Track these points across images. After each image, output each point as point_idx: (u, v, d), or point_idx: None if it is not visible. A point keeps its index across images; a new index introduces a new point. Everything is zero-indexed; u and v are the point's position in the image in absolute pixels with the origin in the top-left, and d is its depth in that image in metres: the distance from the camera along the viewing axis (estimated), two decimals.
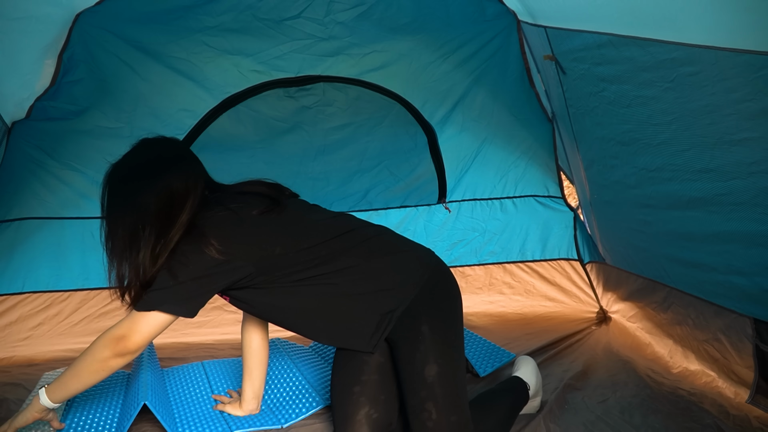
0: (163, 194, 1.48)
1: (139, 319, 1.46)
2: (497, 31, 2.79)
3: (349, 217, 1.70)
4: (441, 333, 1.57)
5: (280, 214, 1.56)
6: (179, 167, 1.54)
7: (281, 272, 1.53)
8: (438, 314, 1.59)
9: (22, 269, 2.65)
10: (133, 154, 1.58)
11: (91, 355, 1.48)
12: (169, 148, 1.62)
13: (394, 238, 1.68)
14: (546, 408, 1.99)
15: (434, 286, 1.60)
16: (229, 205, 1.52)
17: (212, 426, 1.89)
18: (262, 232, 1.52)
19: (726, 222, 1.81)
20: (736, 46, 1.47)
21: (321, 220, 1.62)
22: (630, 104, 2.00)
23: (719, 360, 2.10)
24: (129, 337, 1.45)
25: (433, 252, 1.70)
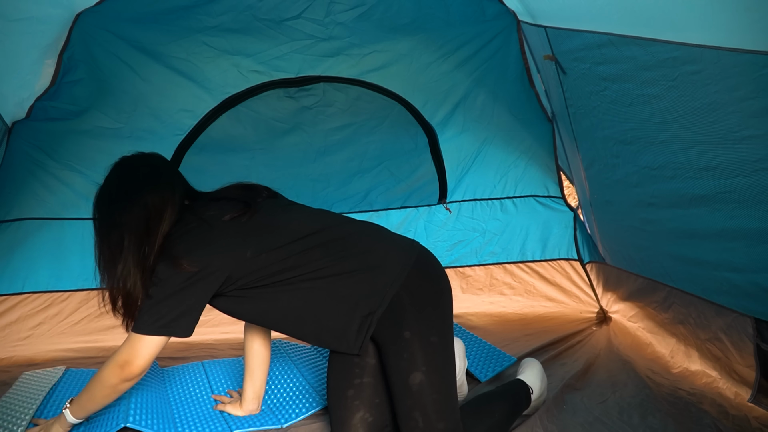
0: (139, 210, 1.54)
1: (136, 343, 1.50)
2: (497, 32, 2.79)
3: (325, 214, 1.69)
4: (425, 338, 1.54)
5: (252, 216, 1.55)
6: (154, 182, 1.59)
7: (256, 276, 1.52)
8: (421, 318, 1.55)
9: (22, 269, 2.65)
10: (111, 176, 1.65)
11: (101, 382, 1.56)
12: (144, 164, 1.66)
13: (372, 234, 1.65)
14: (544, 408, 1.99)
15: (416, 286, 1.57)
16: (202, 214, 1.55)
17: (212, 426, 1.88)
18: (232, 238, 1.52)
19: (729, 220, 1.81)
20: (737, 46, 1.47)
21: (294, 219, 1.61)
22: (632, 103, 2.00)
23: (721, 359, 2.10)
24: (131, 363, 1.51)
25: (415, 245, 1.65)
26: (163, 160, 1.72)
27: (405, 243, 1.66)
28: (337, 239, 1.58)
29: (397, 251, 1.61)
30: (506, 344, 2.57)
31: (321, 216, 1.66)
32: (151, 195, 1.56)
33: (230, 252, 1.50)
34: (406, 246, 1.64)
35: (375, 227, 1.70)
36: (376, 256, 1.58)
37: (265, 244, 1.53)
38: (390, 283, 1.54)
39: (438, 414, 1.53)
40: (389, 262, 1.58)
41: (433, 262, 1.66)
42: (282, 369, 2.27)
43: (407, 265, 1.57)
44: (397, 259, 1.58)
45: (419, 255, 1.62)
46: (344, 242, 1.58)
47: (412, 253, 1.61)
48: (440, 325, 1.59)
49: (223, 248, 1.50)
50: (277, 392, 2.12)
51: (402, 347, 1.54)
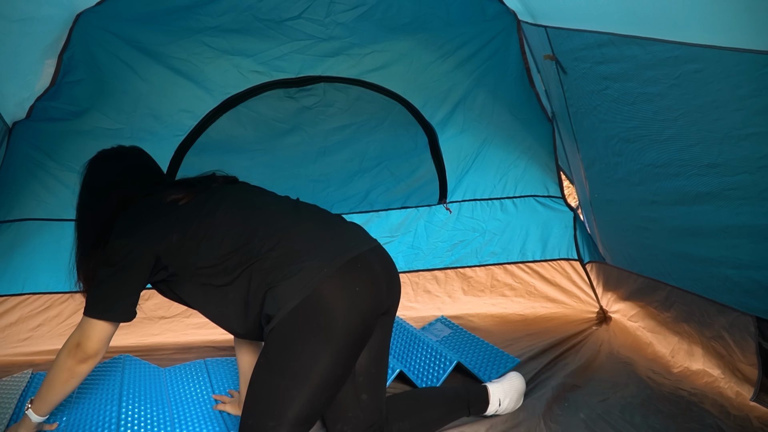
0: (103, 203, 1.65)
1: (86, 325, 1.53)
2: (497, 31, 2.79)
3: (264, 202, 1.64)
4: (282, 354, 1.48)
5: (190, 201, 1.58)
6: (108, 169, 1.70)
7: (179, 263, 1.53)
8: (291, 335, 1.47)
9: (22, 270, 2.65)
10: (85, 171, 1.75)
11: (58, 365, 1.57)
12: (112, 159, 1.74)
13: (303, 237, 1.54)
14: (546, 407, 1.99)
15: (311, 310, 1.46)
16: (147, 199, 1.61)
17: (210, 426, 1.88)
18: (163, 223, 1.55)
19: (734, 216, 1.81)
20: (737, 45, 1.47)
21: (222, 210, 1.56)
22: (634, 101, 2.00)
23: (723, 357, 2.11)
24: (84, 344, 1.53)
25: (342, 259, 1.50)
26: (134, 154, 1.78)
27: (329, 253, 1.51)
28: (266, 238, 1.52)
29: (316, 266, 1.47)
30: (507, 345, 2.58)
31: (257, 208, 1.60)
32: (115, 190, 1.65)
33: (157, 236, 1.53)
34: (329, 256, 1.50)
35: (312, 220, 1.60)
36: (293, 274, 1.47)
37: (188, 233, 1.53)
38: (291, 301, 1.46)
39: (247, 411, 1.52)
40: (300, 281, 1.46)
41: (346, 284, 1.49)
42: (229, 381, 2.27)
43: (311, 287, 1.45)
44: (307, 279, 1.46)
45: (333, 276, 1.48)
46: (254, 258, 1.50)
47: (326, 271, 1.47)
48: (310, 349, 1.47)
49: (152, 232, 1.53)
50: None
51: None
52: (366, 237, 1.62)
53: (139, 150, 1.80)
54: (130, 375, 2.26)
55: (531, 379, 2.24)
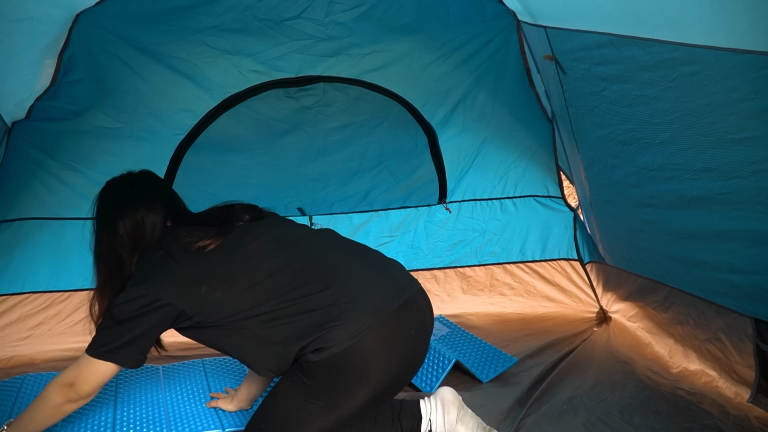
0: (114, 236, 1.56)
1: (84, 365, 1.49)
2: (497, 31, 2.79)
3: (299, 238, 1.60)
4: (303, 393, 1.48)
5: (218, 245, 1.50)
6: (130, 208, 1.58)
7: (208, 314, 1.48)
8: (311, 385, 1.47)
9: (22, 269, 2.65)
10: (97, 200, 1.67)
11: (45, 401, 1.52)
12: (121, 190, 1.65)
13: (353, 278, 1.51)
14: (545, 409, 1.99)
15: (360, 355, 1.44)
16: (170, 246, 1.52)
17: (205, 423, 1.90)
18: (190, 274, 1.48)
19: (727, 221, 1.81)
20: (736, 46, 1.47)
21: (257, 255, 1.52)
22: (631, 103, 2.00)
23: (720, 359, 2.10)
24: (77, 385, 1.49)
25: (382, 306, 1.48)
26: (144, 182, 1.70)
27: (373, 302, 1.49)
28: (300, 291, 1.47)
29: (347, 332, 1.44)
30: (506, 344, 2.57)
31: (289, 253, 1.54)
32: (124, 222, 1.56)
33: (185, 289, 1.47)
34: (371, 308, 1.47)
35: (362, 275, 1.54)
36: (324, 333, 1.44)
37: (221, 283, 1.48)
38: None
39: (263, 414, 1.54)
40: (332, 338, 1.43)
41: (372, 349, 1.46)
42: (226, 379, 2.27)
43: (356, 336, 1.44)
44: (340, 338, 1.43)
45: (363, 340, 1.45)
46: (302, 298, 1.47)
47: (359, 331, 1.44)
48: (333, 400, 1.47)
49: (179, 284, 1.47)
50: None
51: None
52: (408, 276, 1.61)
53: (149, 174, 1.72)
54: (125, 374, 2.26)
55: (531, 378, 2.24)
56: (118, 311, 1.46)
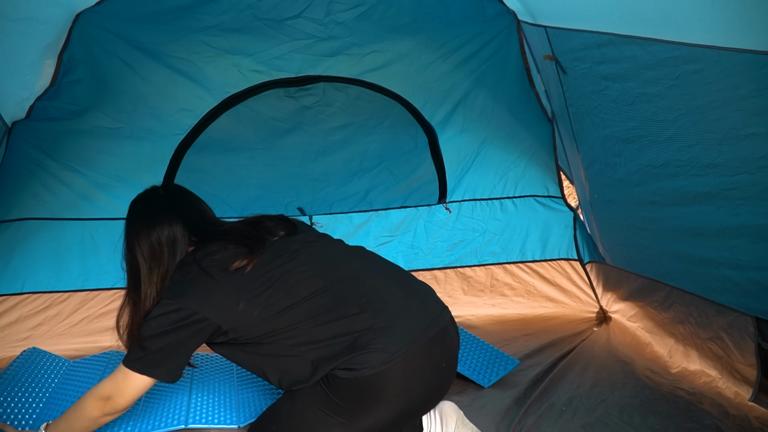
0: (142, 250, 1.56)
1: (121, 378, 1.49)
2: (497, 31, 2.79)
3: (336, 256, 1.59)
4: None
5: (254, 264, 1.50)
6: (151, 223, 1.58)
7: (245, 332, 1.48)
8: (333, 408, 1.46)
9: (21, 270, 2.64)
10: (127, 215, 1.66)
11: (82, 413, 1.53)
12: (145, 204, 1.66)
13: (390, 304, 1.50)
14: (544, 409, 1.99)
15: (388, 381, 1.43)
16: (202, 261, 1.51)
17: (171, 416, 1.93)
18: (227, 291, 1.48)
19: (733, 217, 1.81)
20: (737, 45, 1.48)
21: (294, 274, 1.51)
22: (634, 101, 2.00)
23: (722, 358, 2.10)
24: (114, 399, 1.49)
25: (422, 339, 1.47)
26: (174, 193, 1.70)
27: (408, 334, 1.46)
28: (337, 313, 1.47)
29: (379, 359, 1.42)
30: (505, 345, 2.57)
31: (327, 274, 1.53)
32: (140, 245, 1.56)
33: (223, 305, 1.47)
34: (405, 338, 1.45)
35: (399, 302, 1.52)
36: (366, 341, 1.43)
37: (259, 301, 1.48)
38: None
39: (275, 416, 1.53)
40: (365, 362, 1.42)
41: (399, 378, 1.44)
42: (252, 375, 2.29)
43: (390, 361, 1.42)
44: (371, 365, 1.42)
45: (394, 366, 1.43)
46: (339, 320, 1.46)
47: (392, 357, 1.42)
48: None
49: (217, 300, 1.47)
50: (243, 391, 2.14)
51: None
52: (440, 304, 1.59)
53: (172, 190, 1.72)
54: (199, 358, 2.35)
55: (530, 379, 2.23)
56: (154, 324, 1.46)
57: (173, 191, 1.71)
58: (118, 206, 2.73)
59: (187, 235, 1.59)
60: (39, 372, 2.24)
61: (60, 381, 2.19)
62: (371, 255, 1.67)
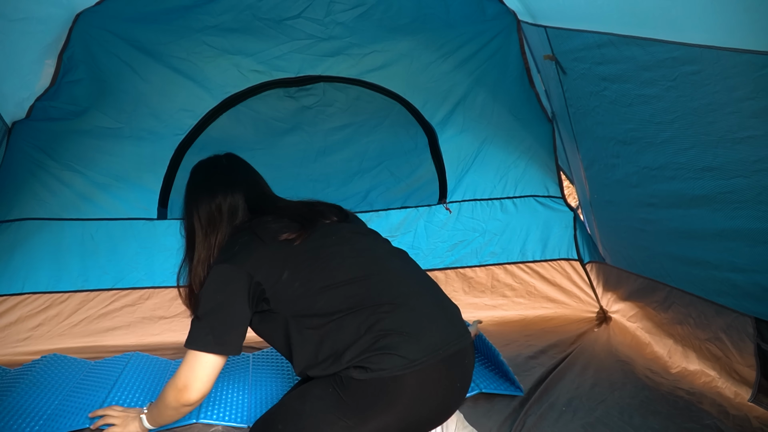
0: (206, 215, 1.64)
1: (192, 361, 1.51)
2: (497, 31, 2.79)
3: (380, 255, 1.60)
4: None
5: (303, 241, 1.54)
6: (224, 189, 1.65)
7: (283, 302, 1.50)
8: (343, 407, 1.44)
9: (21, 270, 2.65)
10: (190, 177, 1.74)
11: (165, 402, 1.59)
12: (218, 169, 1.73)
13: (418, 312, 1.48)
14: (545, 409, 1.99)
15: (402, 388, 1.42)
16: (257, 228, 1.57)
17: None
18: (276, 257, 1.51)
19: (729, 220, 1.81)
20: (737, 46, 1.47)
21: (337, 259, 1.54)
22: (632, 103, 2.00)
23: (721, 359, 2.10)
24: (191, 385, 1.52)
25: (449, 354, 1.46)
26: (241, 166, 1.77)
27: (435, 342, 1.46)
28: (368, 306, 1.46)
29: (402, 363, 1.41)
30: (506, 345, 2.57)
31: (368, 267, 1.54)
32: (223, 200, 1.63)
33: (270, 269, 1.50)
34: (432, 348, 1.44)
35: (427, 312, 1.51)
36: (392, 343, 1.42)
37: (301, 275, 1.50)
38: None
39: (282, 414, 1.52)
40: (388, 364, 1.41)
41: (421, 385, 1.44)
42: (275, 370, 2.32)
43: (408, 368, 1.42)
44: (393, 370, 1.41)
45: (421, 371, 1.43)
46: (370, 316, 1.45)
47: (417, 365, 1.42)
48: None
49: (265, 263, 1.50)
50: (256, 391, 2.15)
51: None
52: (465, 326, 1.58)
53: (233, 160, 1.78)
54: (132, 367, 2.33)
55: (531, 380, 2.23)
56: (208, 288, 1.51)
57: (236, 162, 1.78)
58: (118, 206, 2.74)
59: (246, 206, 1.65)
60: (57, 375, 2.27)
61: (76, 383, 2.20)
62: (411, 261, 1.67)
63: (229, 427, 1.90)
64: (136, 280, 2.77)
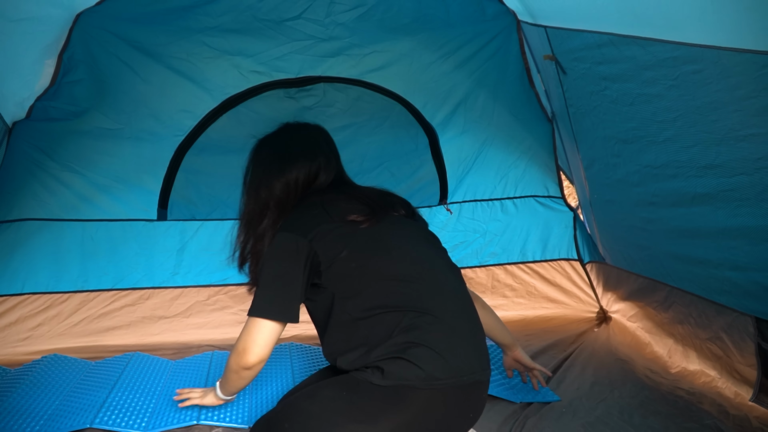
0: (287, 182, 1.66)
1: (252, 327, 1.53)
2: (497, 31, 2.79)
3: (432, 262, 1.57)
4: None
5: (369, 226, 1.54)
6: (309, 159, 1.68)
7: (334, 279, 1.50)
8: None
9: (21, 270, 2.65)
10: (274, 137, 1.78)
11: (228, 367, 1.64)
12: (305, 138, 1.76)
13: (449, 327, 1.47)
14: (545, 410, 1.99)
15: (413, 401, 1.41)
16: (327, 204, 1.59)
17: (182, 414, 1.95)
18: (341, 233, 1.53)
19: (731, 218, 1.81)
20: (737, 45, 1.47)
21: (396, 252, 1.54)
22: (633, 102, 2.00)
23: (721, 358, 2.10)
24: (250, 349, 1.53)
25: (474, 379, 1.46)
26: (324, 137, 1.79)
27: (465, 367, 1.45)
28: (410, 309, 1.46)
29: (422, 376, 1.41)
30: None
31: (424, 273, 1.53)
32: (300, 170, 1.66)
33: (331, 244, 1.51)
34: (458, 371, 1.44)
35: (458, 323, 1.50)
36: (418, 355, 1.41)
37: (359, 258, 1.51)
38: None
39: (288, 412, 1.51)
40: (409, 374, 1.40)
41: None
42: (278, 371, 2.31)
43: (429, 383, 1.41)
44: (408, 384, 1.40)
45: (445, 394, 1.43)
46: (410, 321, 1.44)
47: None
48: None
49: (327, 237, 1.51)
50: (257, 392, 2.15)
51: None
52: (488, 361, 1.55)
53: (318, 131, 1.80)
54: (133, 367, 2.33)
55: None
56: (268, 256, 1.54)
57: (319, 134, 1.80)
58: (118, 207, 2.74)
59: (320, 179, 1.68)
60: (58, 375, 2.28)
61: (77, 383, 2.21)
62: (462, 281, 1.65)
63: (230, 428, 1.90)
64: (136, 280, 2.77)
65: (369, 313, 1.46)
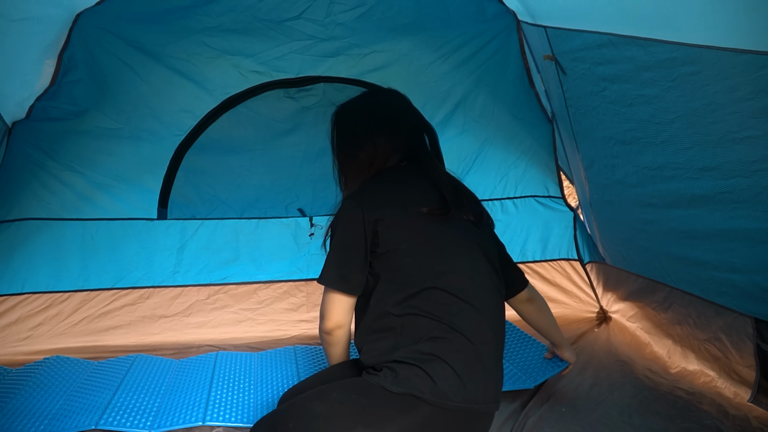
0: (369, 150, 1.63)
1: (325, 296, 1.56)
2: (497, 32, 2.79)
3: (478, 288, 1.53)
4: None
5: (434, 221, 1.52)
6: (393, 130, 1.65)
7: (384, 262, 1.49)
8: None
9: (22, 270, 2.65)
10: (362, 102, 1.75)
11: (320, 331, 1.63)
12: (392, 107, 1.71)
13: (466, 351, 1.44)
14: (544, 410, 1.99)
15: (420, 412, 1.39)
16: (402, 188, 1.57)
17: (188, 415, 1.95)
18: (406, 223, 1.51)
19: (728, 220, 1.81)
20: (737, 46, 1.47)
21: (462, 264, 1.51)
22: (632, 103, 2.00)
23: (720, 359, 2.10)
24: (325, 315, 1.57)
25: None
26: (410, 110, 1.74)
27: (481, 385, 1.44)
28: (445, 323, 1.44)
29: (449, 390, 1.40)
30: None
31: (472, 288, 1.50)
32: (383, 140, 1.62)
33: (395, 234, 1.49)
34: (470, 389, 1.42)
35: (485, 349, 1.48)
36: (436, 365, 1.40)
37: (415, 254, 1.49)
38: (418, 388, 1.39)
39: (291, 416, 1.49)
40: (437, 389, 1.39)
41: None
42: (283, 372, 2.31)
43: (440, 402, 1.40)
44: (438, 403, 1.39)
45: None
46: (442, 333, 1.43)
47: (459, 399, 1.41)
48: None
49: (395, 225, 1.50)
50: (262, 392, 2.15)
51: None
52: (500, 394, 1.54)
53: (412, 106, 1.76)
54: (137, 368, 2.35)
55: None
56: (334, 225, 1.54)
57: (408, 107, 1.75)
58: (118, 206, 2.74)
59: (402, 153, 1.64)
60: (61, 376, 2.29)
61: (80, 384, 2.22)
62: (502, 306, 1.62)
63: (234, 427, 1.90)
64: (136, 279, 2.77)
65: (405, 311, 1.46)
